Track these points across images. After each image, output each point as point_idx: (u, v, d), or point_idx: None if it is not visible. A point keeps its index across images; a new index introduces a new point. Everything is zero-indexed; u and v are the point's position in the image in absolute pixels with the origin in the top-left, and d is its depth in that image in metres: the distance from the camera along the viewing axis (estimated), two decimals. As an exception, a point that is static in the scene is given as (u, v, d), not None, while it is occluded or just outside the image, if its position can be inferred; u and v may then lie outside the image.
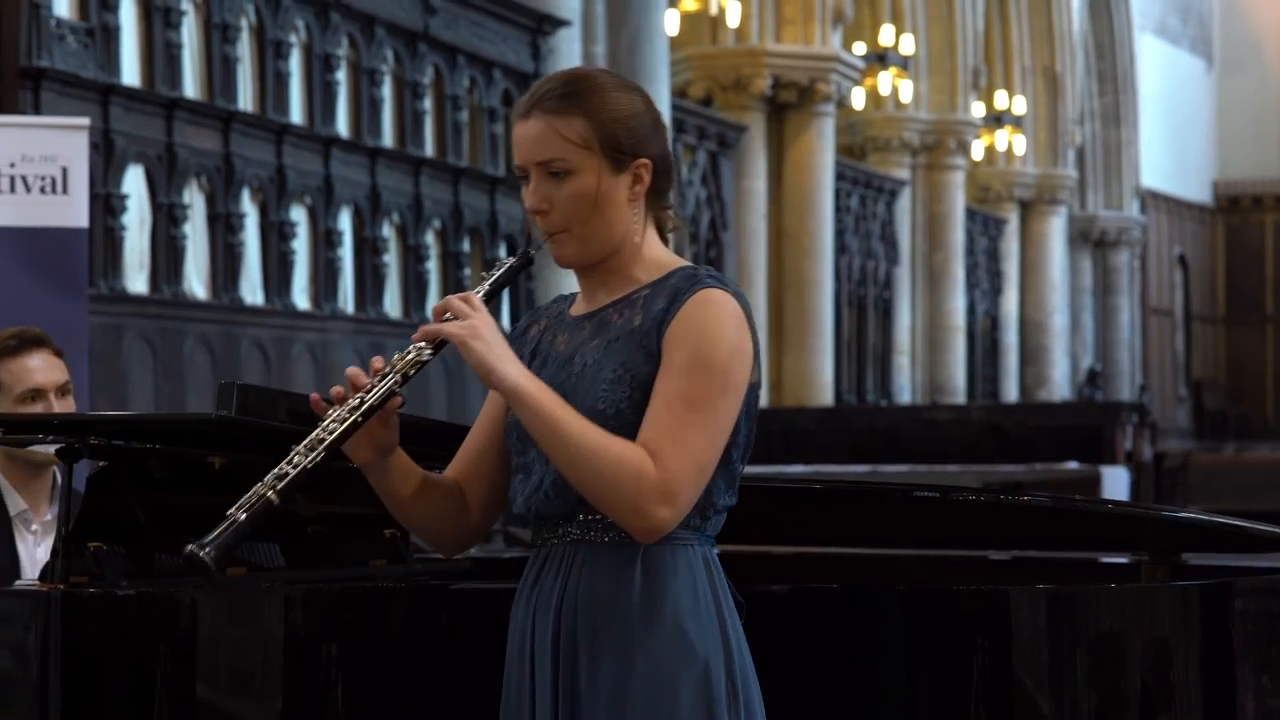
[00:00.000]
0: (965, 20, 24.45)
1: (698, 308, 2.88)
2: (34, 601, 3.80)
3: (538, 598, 2.95)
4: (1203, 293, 34.73)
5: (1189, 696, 3.80)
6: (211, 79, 11.75)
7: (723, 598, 2.95)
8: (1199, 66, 34.54)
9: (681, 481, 2.82)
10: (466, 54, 14.10)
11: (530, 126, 2.92)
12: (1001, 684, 3.68)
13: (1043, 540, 4.47)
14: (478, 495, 3.08)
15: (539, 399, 2.82)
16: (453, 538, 3.10)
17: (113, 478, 4.07)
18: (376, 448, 2.93)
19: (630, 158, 2.93)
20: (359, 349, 12.92)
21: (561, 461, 2.83)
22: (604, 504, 2.84)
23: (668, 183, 3.01)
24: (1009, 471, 14.06)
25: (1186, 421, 33.12)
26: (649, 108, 2.98)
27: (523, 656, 2.97)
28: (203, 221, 11.71)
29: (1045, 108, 27.75)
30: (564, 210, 2.92)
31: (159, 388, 11.15)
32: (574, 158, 2.90)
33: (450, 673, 3.66)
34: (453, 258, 14.06)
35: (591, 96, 2.92)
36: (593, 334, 2.97)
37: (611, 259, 2.97)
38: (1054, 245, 28.43)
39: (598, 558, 2.91)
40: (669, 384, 2.86)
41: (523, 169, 2.94)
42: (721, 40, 19.57)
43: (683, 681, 2.86)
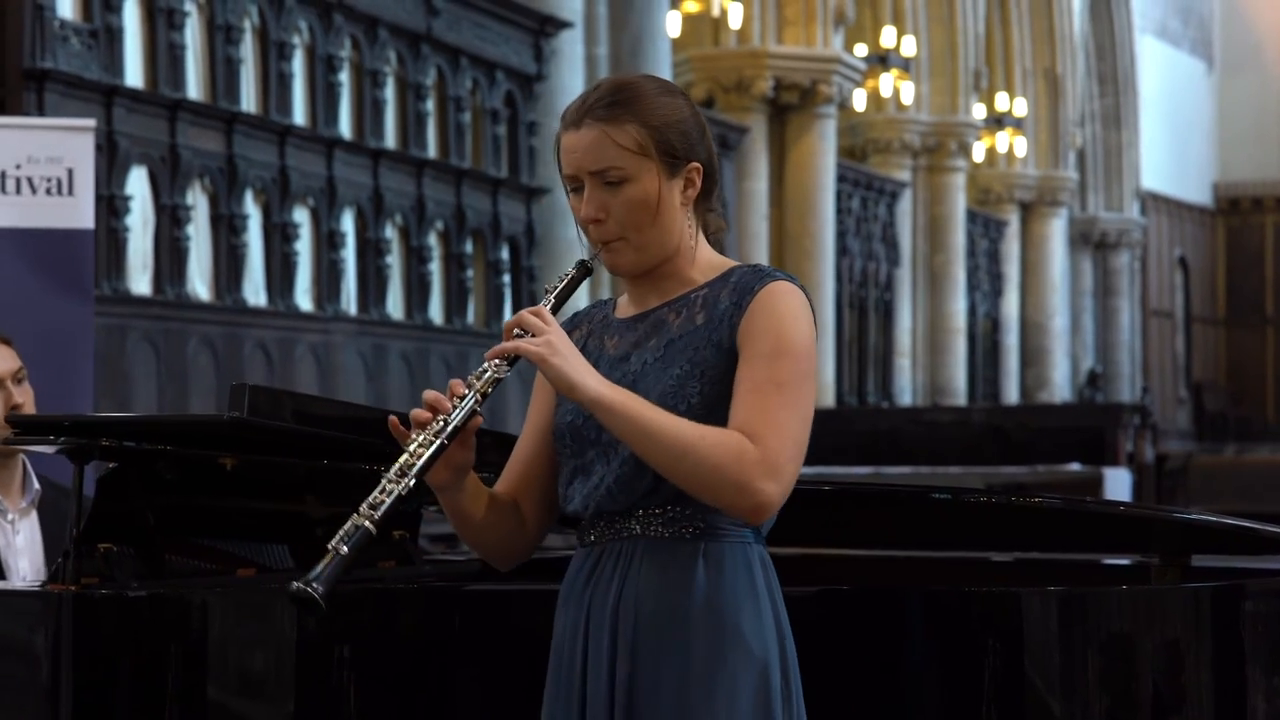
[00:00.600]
0: (966, 22, 24.45)
1: (771, 298, 2.91)
2: (45, 603, 3.80)
3: (593, 594, 2.95)
4: (1203, 294, 34.73)
5: (1200, 699, 3.80)
6: (214, 80, 11.75)
7: (777, 597, 2.97)
8: (1199, 68, 34.55)
9: (783, 457, 2.85)
10: (469, 55, 14.09)
11: (583, 135, 2.91)
12: (1013, 685, 3.69)
13: (1052, 542, 4.47)
14: (532, 506, 3.09)
15: (625, 405, 2.83)
16: (513, 552, 3.12)
17: (123, 479, 4.07)
18: (454, 469, 2.93)
19: (684, 162, 2.95)
20: (361, 350, 12.92)
21: (659, 460, 2.84)
22: (710, 490, 2.84)
23: (714, 185, 3.02)
24: (1011, 473, 14.06)
25: (1187, 423, 33.13)
26: (694, 111, 2.99)
27: (574, 653, 2.96)
28: (206, 223, 11.72)
29: (1046, 109, 27.75)
30: (621, 218, 2.92)
31: (162, 389, 11.15)
32: (631, 165, 2.91)
33: (463, 674, 3.66)
34: (455, 259, 14.06)
35: (643, 102, 2.92)
36: (648, 334, 2.98)
37: (666, 264, 2.99)
38: (1055, 247, 28.43)
39: (659, 554, 2.92)
40: (755, 371, 2.88)
41: (575, 179, 2.93)
42: (723, 42, 19.57)
43: (743, 682, 2.87)
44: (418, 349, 13.52)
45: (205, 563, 4.32)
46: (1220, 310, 35.07)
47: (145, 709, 3.74)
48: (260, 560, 4.45)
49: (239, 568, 4.40)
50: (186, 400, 11.25)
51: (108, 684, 3.74)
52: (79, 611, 3.77)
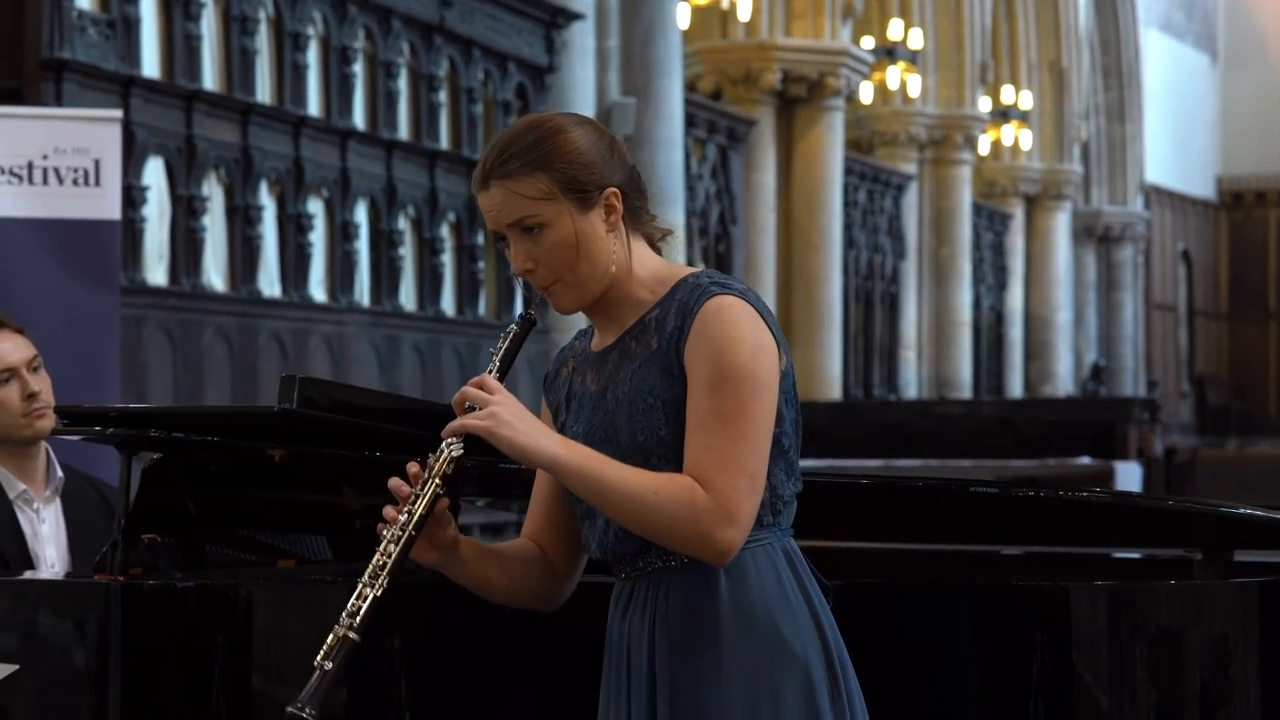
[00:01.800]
0: (973, 15, 24.44)
1: (709, 320, 2.89)
2: (94, 592, 3.82)
3: (630, 621, 2.98)
4: (1206, 288, 34.74)
5: (1247, 693, 3.82)
6: (230, 71, 11.75)
7: (810, 587, 2.96)
8: (1203, 62, 34.54)
9: (736, 498, 2.84)
10: (482, 47, 14.09)
11: (492, 196, 2.94)
12: (1061, 679, 3.70)
13: (1093, 536, 4.47)
14: (559, 548, 3.11)
15: (580, 465, 2.84)
16: (547, 597, 3.14)
17: (165, 470, 4.08)
18: (439, 548, 2.97)
19: (596, 192, 2.94)
20: (374, 341, 12.92)
21: (617, 514, 2.86)
22: (670, 543, 2.87)
23: (642, 199, 3.02)
24: (1021, 467, 14.07)
25: (1189, 417, 33.13)
26: (600, 135, 2.98)
27: (620, 678, 2.99)
28: (221, 214, 11.72)
29: (1051, 103, 27.74)
30: (549, 263, 2.93)
31: (177, 380, 11.14)
32: (543, 211, 2.91)
33: (514, 668, 3.66)
34: (467, 250, 14.05)
35: (538, 150, 2.92)
36: (617, 366, 2.99)
37: (611, 291, 2.98)
38: (1059, 240, 28.43)
39: (683, 579, 2.93)
40: (699, 404, 2.87)
41: (499, 233, 2.95)
42: (731, 34, 19.57)
43: (785, 686, 2.88)
44: (430, 340, 13.52)
45: (245, 553, 4.34)
46: (1223, 304, 35.08)
47: (192, 699, 3.75)
48: (299, 551, 4.46)
49: (279, 559, 4.41)
50: (202, 391, 11.25)
51: (155, 673, 3.76)
52: (128, 601, 3.78)
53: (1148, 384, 30.30)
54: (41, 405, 4.45)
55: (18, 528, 4.48)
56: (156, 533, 4.04)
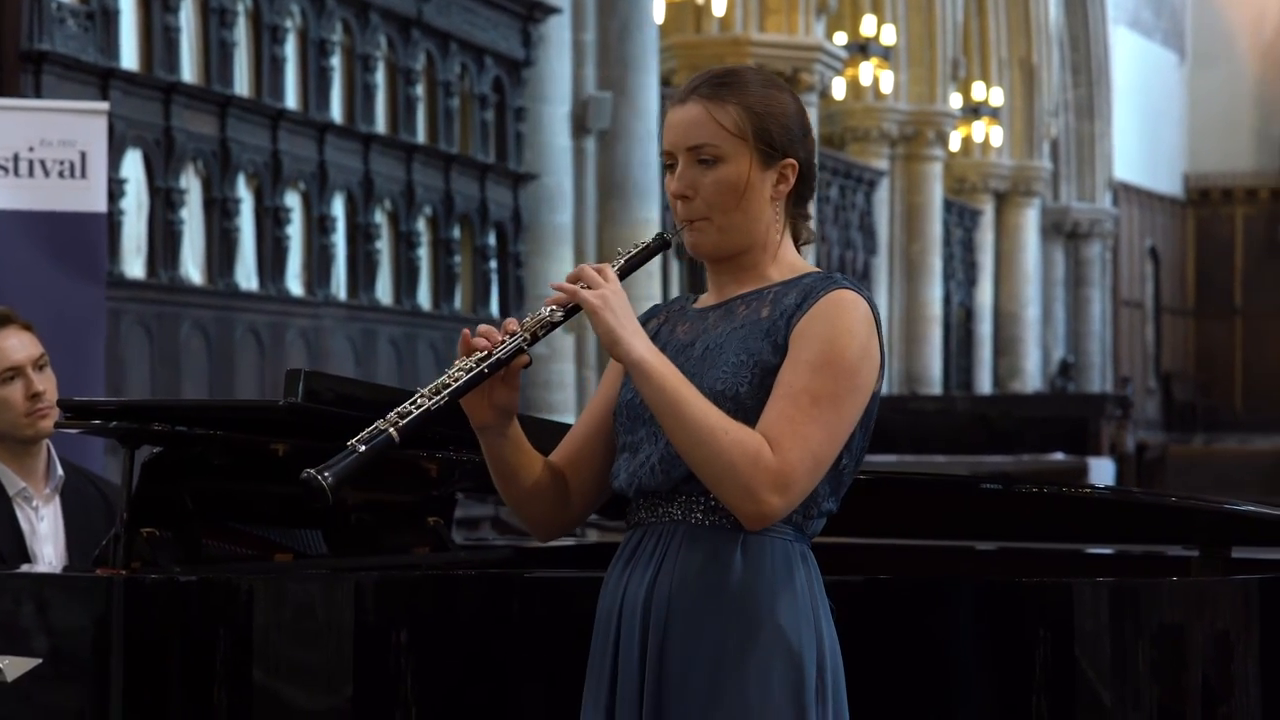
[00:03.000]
0: (945, 11, 24.49)
1: (831, 306, 2.90)
2: (97, 586, 3.81)
3: (631, 571, 2.96)
4: (1173, 285, 34.86)
5: (1248, 689, 3.84)
6: (209, 63, 11.72)
7: (818, 594, 2.96)
8: (1171, 59, 34.65)
9: (797, 472, 2.83)
10: (458, 40, 14.08)
11: (687, 111, 2.94)
12: (1064, 675, 3.71)
13: (1092, 533, 4.49)
14: (580, 482, 3.09)
15: (663, 374, 2.84)
16: (553, 522, 3.11)
17: (164, 464, 4.08)
18: (496, 408, 2.95)
19: (780, 155, 2.96)
20: (351, 335, 12.91)
21: (680, 438, 2.84)
22: (718, 484, 2.84)
23: (809, 190, 3.03)
24: (996, 462, 14.10)
25: (1156, 413, 33.24)
26: (801, 111, 3.01)
27: (608, 630, 2.98)
28: (199, 206, 11.69)
29: (1021, 100, 27.80)
30: (708, 197, 2.94)
31: (155, 373, 11.12)
32: (726, 145, 2.92)
33: (522, 661, 3.66)
34: (443, 244, 14.05)
35: (750, 89, 2.95)
36: (716, 322, 2.99)
37: (746, 255, 2.99)
38: (1028, 237, 28.50)
39: (697, 541, 2.92)
40: (795, 377, 2.87)
41: (671, 154, 2.95)
42: (706, 29, 19.57)
43: (776, 676, 2.87)
44: (406, 334, 13.51)
45: (241, 548, 4.33)
46: (1189, 301, 35.21)
47: (194, 692, 3.75)
48: (296, 546, 4.46)
49: (275, 553, 4.40)
50: (179, 384, 11.23)
51: (157, 667, 3.75)
52: (130, 595, 3.78)
53: (1120, 380, 30.38)
54: (45, 405, 4.42)
55: (16, 526, 4.46)
56: (154, 527, 4.03)
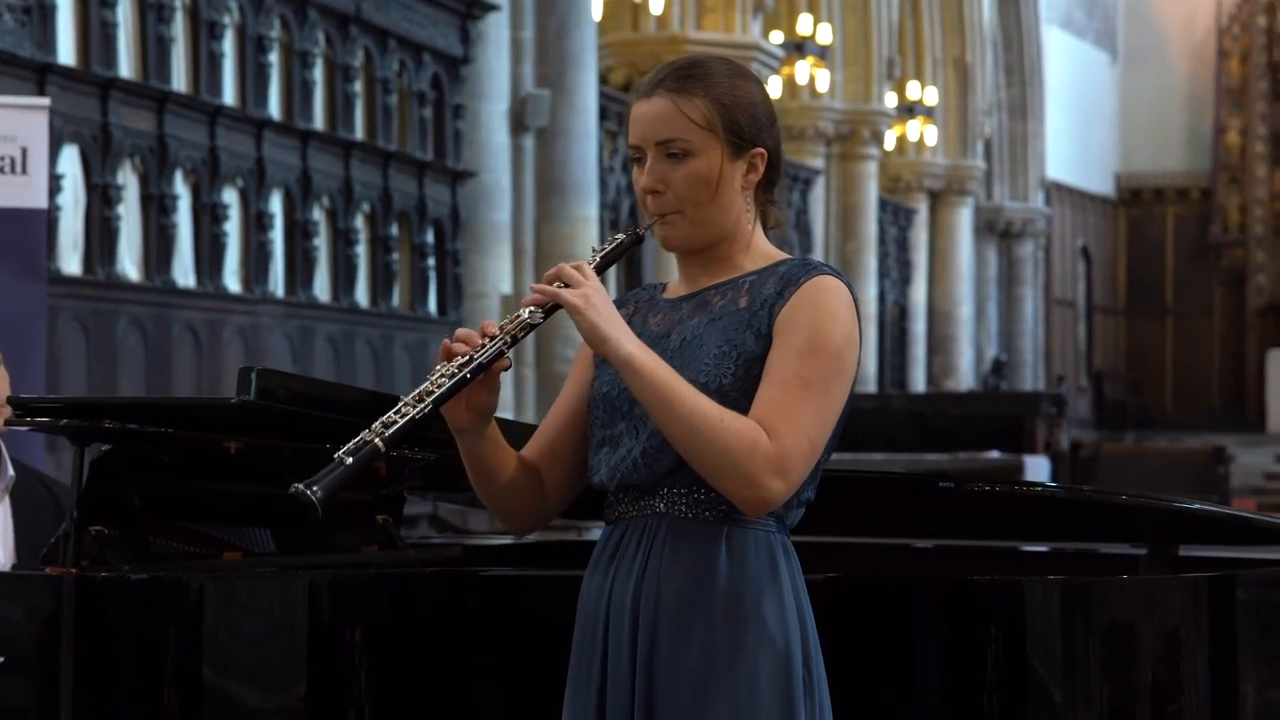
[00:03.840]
0: (880, 11, 24.56)
1: (814, 292, 2.91)
2: (47, 585, 3.79)
3: (616, 570, 2.95)
4: (1104, 284, 35.05)
5: (1197, 687, 3.86)
6: (146, 59, 11.65)
7: (801, 587, 2.97)
8: (1103, 60, 34.83)
9: (795, 456, 2.84)
10: (397, 37, 14.05)
11: (653, 104, 2.93)
12: (1015, 673, 3.73)
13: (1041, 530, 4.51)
14: (554, 476, 3.08)
15: (653, 369, 2.83)
16: (528, 516, 3.11)
17: (113, 461, 4.06)
18: (475, 411, 2.94)
19: (749, 145, 2.96)
20: (288, 333, 12.86)
21: (675, 430, 2.84)
22: (718, 473, 2.84)
23: (777, 177, 3.03)
24: (933, 460, 14.15)
25: (1087, 411, 33.42)
26: (766, 99, 3.00)
27: (595, 631, 2.97)
28: (136, 203, 11.62)
29: (955, 99, 27.91)
30: (679, 191, 2.93)
31: (91, 370, 11.06)
32: (695, 138, 2.92)
33: (479, 659, 3.66)
34: (381, 242, 14.02)
35: (716, 80, 2.94)
36: (691, 313, 2.99)
37: (719, 245, 2.99)
38: (962, 236, 28.61)
39: (682, 535, 2.92)
40: (784, 363, 2.87)
41: (638, 148, 2.94)
42: (643, 27, 19.58)
43: (764, 668, 2.88)
44: (344, 331, 13.47)
45: (190, 546, 4.31)
46: (1121, 300, 35.41)
47: (144, 691, 3.73)
48: (244, 544, 4.44)
49: (224, 551, 4.39)
50: (115, 382, 11.16)
51: (108, 666, 3.73)
52: (81, 593, 3.76)
53: (1055, 379, 30.54)
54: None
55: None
56: (103, 525, 4.01)
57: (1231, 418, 32.91)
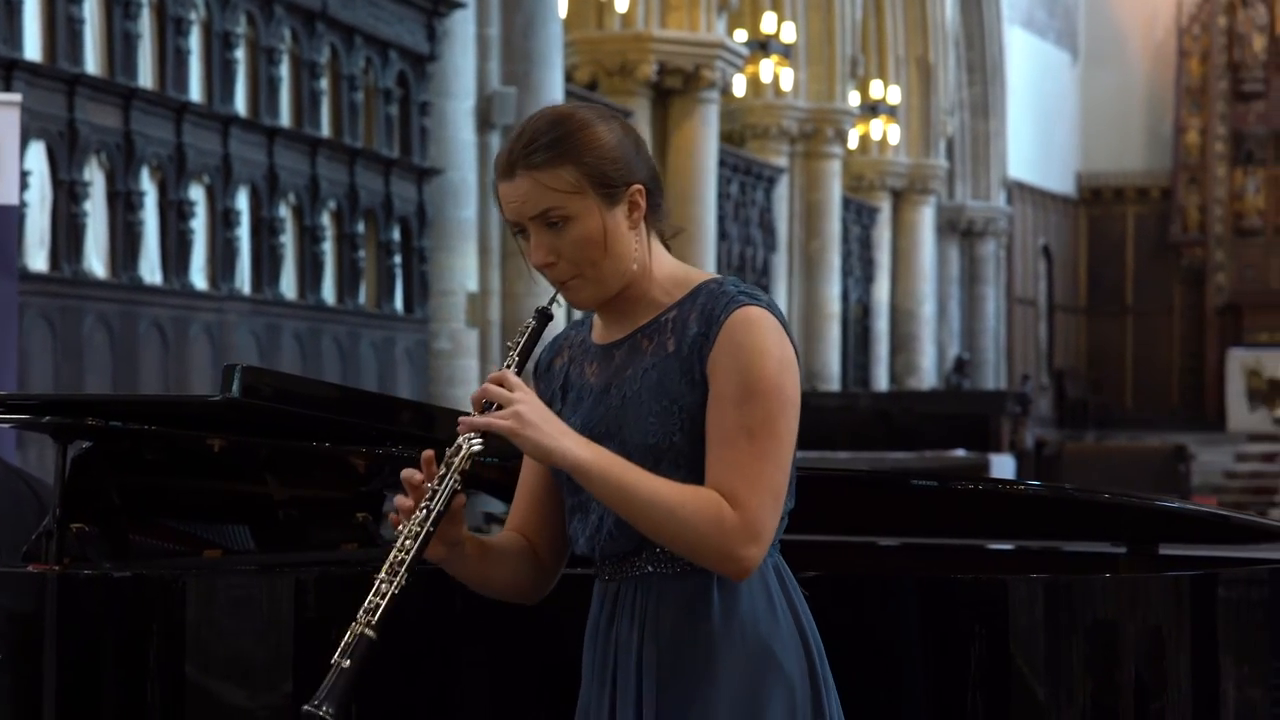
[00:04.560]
0: (843, 9, 24.59)
1: (736, 331, 2.86)
2: (30, 582, 3.78)
3: (618, 632, 2.94)
4: (1065, 283, 35.16)
5: (1179, 684, 3.89)
6: (113, 55, 11.61)
7: (798, 604, 2.96)
8: (1064, 59, 34.93)
9: (762, 517, 2.82)
10: (363, 34, 14.03)
11: (517, 186, 2.88)
12: (999, 671, 3.75)
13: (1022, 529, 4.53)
14: (545, 541, 3.07)
15: (604, 469, 2.81)
16: (533, 590, 3.10)
17: (94, 458, 4.05)
18: (447, 544, 2.91)
19: (623, 188, 2.90)
20: (255, 330, 12.83)
21: (640, 524, 2.83)
22: (692, 555, 2.84)
23: (661, 197, 2.98)
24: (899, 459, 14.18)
25: (1048, 410, 33.52)
26: (626, 131, 2.94)
27: (602, 696, 2.96)
28: (102, 199, 11.58)
29: (918, 98, 27.97)
30: (572, 257, 2.89)
31: (58, 367, 11.02)
32: (569, 204, 2.87)
33: (466, 657, 3.66)
34: (348, 239, 13.99)
35: (569, 141, 2.88)
36: (624, 363, 2.95)
37: (628, 290, 2.94)
38: (924, 234, 28.67)
39: (671, 590, 2.91)
40: (725, 418, 2.84)
41: (518, 225, 2.91)
42: (607, 25, 19.56)
43: (772, 702, 2.87)
44: (310, 329, 13.45)
45: (169, 543, 4.30)
46: (1082, 299, 35.51)
47: (128, 688, 3.73)
48: (223, 542, 4.43)
49: (204, 549, 4.38)
50: (82, 379, 11.13)
51: (91, 663, 3.73)
52: (64, 591, 3.75)
53: (1020, 378, 30.62)
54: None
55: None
56: (83, 522, 4.00)
57: (1191, 416, 33.03)
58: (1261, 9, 33.84)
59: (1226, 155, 34.26)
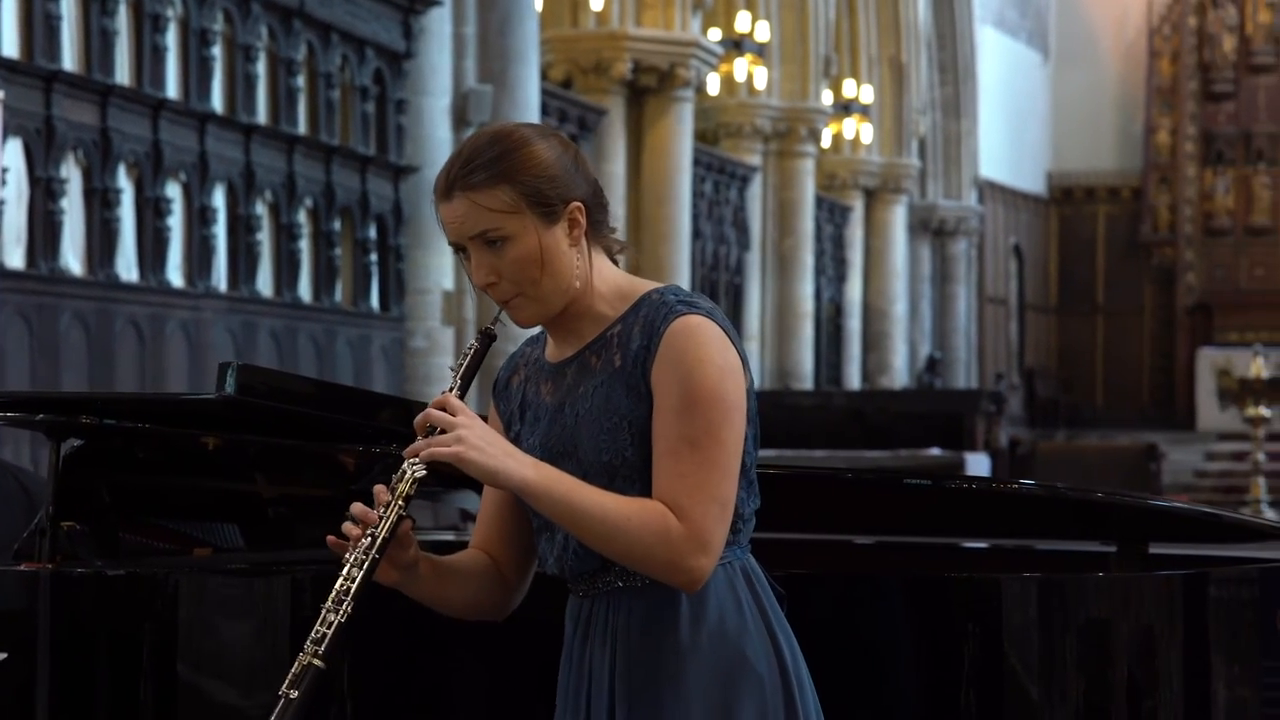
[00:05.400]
0: (817, 9, 24.60)
1: (676, 341, 2.87)
2: (23, 580, 3.77)
3: (592, 644, 2.95)
4: (1036, 282, 35.22)
5: (1170, 683, 3.90)
6: (89, 52, 11.58)
7: (768, 604, 2.96)
8: (1035, 59, 34.99)
9: (708, 526, 2.83)
10: (340, 32, 14.01)
11: (455, 207, 2.89)
12: (992, 669, 3.76)
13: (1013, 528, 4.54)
14: (510, 558, 3.08)
15: (550, 489, 2.81)
16: (499, 608, 3.11)
17: (85, 457, 4.04)
18: (400, 568, 2.92)
19: (561, 205, 2.90)
20: (231, 327, 12.80)
21: (588, 540, 2.84)
22: (643, 568, 2.86)
23: (603, 213, 2.98)
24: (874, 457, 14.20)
25: (1019, 409, 33.57)
26: (565, 148, 2.94)
27: (579, 699, 2.97)
28: (79, 196, 11.55)
29: (890, 97, 27.99)
30: (512, 276, 2.90)
31: (34, 365, 10.99)
32: (506, 224, 2.88)
33: (459, 656, 3.66)
34: (324, 236, 13.97)
35: (508, 160, 2.89)
36: (575, 381, 2.96)
37: (572, 306, 2.95)
38: (896, 233, 28.70)
39: (640, 605, 2.92)
40: (667, 429, 2.85)
41: (458, 245, 2.92)
42: (582, 23, 19.54)
43: (742, 703, 2.88)
44: (287, 327, 13.42)
45: (158, 542, 4.30)
46: (1052, 298, 35.58)
47: (121, 686, 3.73)
48: (213, 540, 4.43)
49: (193, 547, 4.38)
50: (58, 376, 11.09)
51: (85, 661, 3.72)
52: (57, 589, 3.75)
53: (994, 376, 30.67)
54: None
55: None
56: (73, 520, 4.01)
57: (1161, 415, 33.12)
58: (1232, 10, 33.92)
59: (1197, 155, 34.34)
